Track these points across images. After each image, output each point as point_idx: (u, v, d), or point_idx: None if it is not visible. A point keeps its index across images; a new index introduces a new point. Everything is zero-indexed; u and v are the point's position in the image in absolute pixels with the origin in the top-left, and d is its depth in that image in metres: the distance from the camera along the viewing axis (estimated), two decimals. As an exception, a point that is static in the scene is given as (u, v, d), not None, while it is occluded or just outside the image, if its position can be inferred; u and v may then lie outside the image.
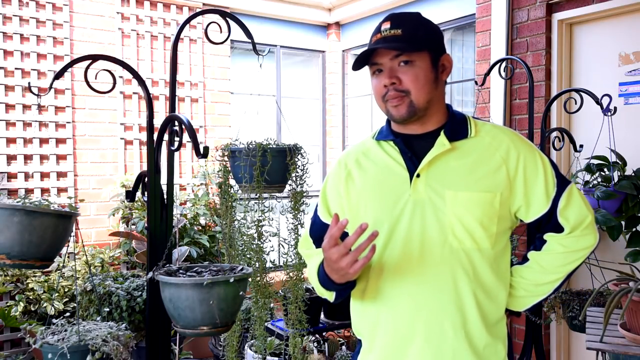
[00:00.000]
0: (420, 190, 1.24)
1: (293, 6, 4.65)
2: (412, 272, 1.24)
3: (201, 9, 3.78)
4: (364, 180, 1.33)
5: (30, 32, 3.56)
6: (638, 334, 1.80)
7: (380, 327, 1.30)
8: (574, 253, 1.28)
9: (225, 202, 2.46)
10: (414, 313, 1.24)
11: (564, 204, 1.26)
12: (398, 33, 1.21)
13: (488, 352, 1.26)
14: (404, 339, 1.26)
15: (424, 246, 1.23)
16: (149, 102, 2.12)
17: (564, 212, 1.26)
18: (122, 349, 2.07)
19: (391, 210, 1.26)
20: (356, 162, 1.36)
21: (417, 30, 1.23)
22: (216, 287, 1.75)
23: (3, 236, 1.84)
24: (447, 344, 1.23)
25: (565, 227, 1.27)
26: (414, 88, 1.22)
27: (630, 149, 2.72)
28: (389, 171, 1.29)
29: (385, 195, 1.28)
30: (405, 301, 1.25)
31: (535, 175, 1.25)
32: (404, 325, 1.26)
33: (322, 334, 3.38)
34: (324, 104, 5.07)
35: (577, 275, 3.06)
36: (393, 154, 1.30)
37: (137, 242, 3.59)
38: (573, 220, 1.27)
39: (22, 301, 3.12)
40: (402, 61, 1.22)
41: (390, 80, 1.22)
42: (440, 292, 1.23)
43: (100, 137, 3.83)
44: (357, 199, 1.33)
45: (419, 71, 1.22)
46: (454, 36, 4.00)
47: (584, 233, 1.28)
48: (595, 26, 3.03)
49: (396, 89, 1.22)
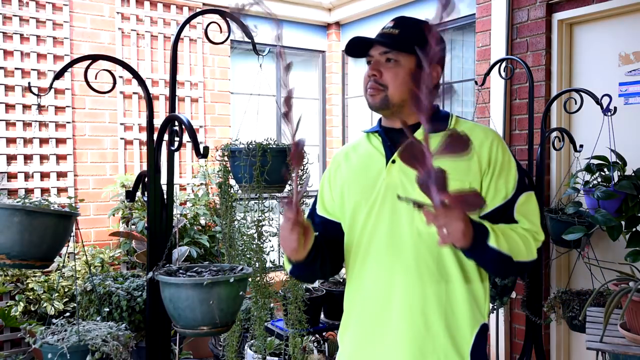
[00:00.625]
0: (394, 175, 1.31)
1: (293, 6, 4.65)
2: (383, 253, 1.31)
3: (201, 9, 3.76)
4: (349, 169, 1.43)
5: (30, 32, 3.56)
6: (638, 334, 1.80)
7: (355, 306, 1.37)
8: (527, 241, 1.24)
9: (225, 202, 2.46)
10: (386, 293, 1.30)
11: (522, 201, 1.29)
12: (395, 32, 1.31)
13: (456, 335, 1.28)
14: (377, 320, 1.32)
15: (393, 229, 1.30)
16: (149, 102, 2.12)
17: (521, 209, 1.29)
18: (122, 349, 2.07)
19: (369, 194, 1.34)
20: (345, 155, 1.47)
21: (415, 35, 1.28)
22: (216, 287, 1.75)
23: (3, 236, 1.84)
24: (418, 327, 1.27)
25: (519, 222, 1.28)
26: (391, 84, 1.31)
27: (630, 149, 2.72)
28: (370, 159, 1.39)
29: (365, 181, 1.37)
30: (378, 281, 1.32)
31: (502, 170, 1.29)
32: (377, 305, 1.32)
33: (322, 334, 3.38)
34: (324, 104, 5.07)
35: (577, 275, 3.06)
36: (376, 143, 1.40)
37: (137, 242, 3.59)
38: (528, 219, 1.28)
39: (22, 301, 3.12)
40: (388, 58, 1.31)
41: (372, 72, 1.32)
42: (407, 273, 1.28)
43: (100, 137, 3.83)
44: (342, 187, 1.42)
45: (400, 70, 1.30)
46: (454, 36, 4.00)
47: (536, 241, 1.27)
48: (595, 26, 3.03)
49: (376, 80, 1.32)
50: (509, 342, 3.32)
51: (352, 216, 1.37)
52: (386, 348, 1.30)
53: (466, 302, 1.28)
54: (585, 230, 2.52)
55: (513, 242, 1.22)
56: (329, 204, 1.46)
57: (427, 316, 1.27)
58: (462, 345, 1.28)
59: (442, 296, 1.27)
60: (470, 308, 1.29)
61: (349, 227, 1.39)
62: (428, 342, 1.27)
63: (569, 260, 3.16)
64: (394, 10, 4.32)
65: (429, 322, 1.27)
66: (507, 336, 3.31)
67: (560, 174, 3.12)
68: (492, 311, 2.95)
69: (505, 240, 1.20)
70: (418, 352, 1.27)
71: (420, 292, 1.27)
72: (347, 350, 1.41)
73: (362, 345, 1.36)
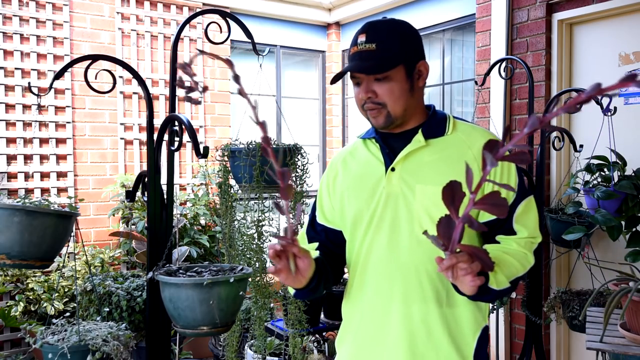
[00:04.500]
0: (394, 183, 1.29)
1: (293, 6, 4.65)
2: (384, 262, 1.29)
3: (201, 9, 3.78)
4: (348, 177, 1.40)
5: (30, 32, 3.56)
6: (638, 334, 1.80)
7: (355, 315, 1.36)
8: (523, 257, 1.25)
9: (225, 202, 2.46)
10: (386, 301, 1.29)
11: (521, 210, 1.27)
12: (372, 48, 1.25)
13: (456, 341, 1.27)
14: (377, 329, 1.31)
15: (393, 238, 1.28)
16: (149, 102, 2.12)
17: (520, 219, 1.26)
18: (122, 349, 2.07)
19: (369, 202, 1.32)
20: (343, 161, 1.44)
21: (392, 43, 1.25)
22: (216, 287, 1.75)
23: (3, 236, 1.84)
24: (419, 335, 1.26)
25: (518, 232, 1.27)
26: (389, 101, 1.27)
27: (630, 149, 2.72)
28: (369, 166, 1.36)
29: (365, 189, 1.34)
30: (378, 290, 1.30)
31: (502, 175, 1.27)
32: (377, 313, 1.30)
33: (322, 334, 3.38)
34: (324, 104, 5.07)
35: (577, 275, 3.06)
36: (374, 150, 1.37)
37: (137, 242, 3.59)
38: (527, 227, 1.27)
39: (22, 301, 3.12)
40: (377, 77, 1.26)
41: (367, 95, 1.27)
42: (408, 282, 1.27)
43: (100, 137, 3.83)
44: (342, 195, 1.39)
45: (393, 85, 1.26)
46: (454, 36, 4.00)
47: (532, 246, 1.27)
48: (595, 26, 3.03)
49: (373, 101, 1.27)
50: (509, 342, 3.32)
51: (353, 225, 1.35)
52: (387, 357, 1.29)
53: (468, 309, 1.27)
54: (585, 230, 2.52)
55: (511, 268, 1.21)
56: (329, 212, 1.44)
57: (428, 324, 1.26)
58: (465, 351, 1.27)
59: (443, 303, 1.26)
60: (472, 314, 1.28)
61: (350, 235, 1.38)
62: (430, 350, 1.26)
63: (569, 260, 3.16)
64: (394, 10, 4.32)
65: (431, 329, 1.26)
66: (507, 336, 3.31)
67: (560, 174, 3.12)
68: (492, 311, 2.94)
69: (502, 272, 1.18)
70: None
71: (421, 300, 1.26)
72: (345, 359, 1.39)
73: (361, 354, 1.34)
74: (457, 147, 1.29)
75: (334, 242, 1.42)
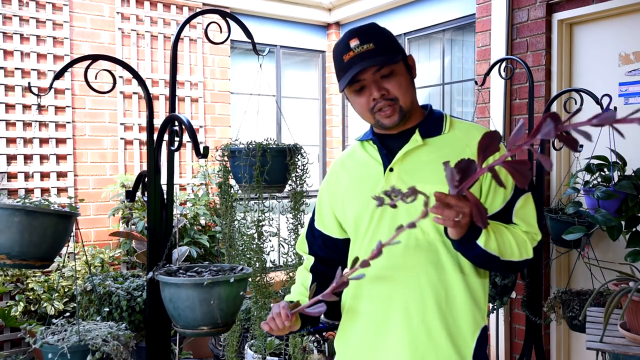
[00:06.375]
0: (392, 184, 1.29)
1: (293, 6, 4.65)
2: (383, 263, 1.28)
3: (201, 9, 3.78)
4: (347, 180, 1.41)
5: (30, 32, 3.56)
6: (638, 334, 1.80)
7: (354, 316, 1.37)
8: (523, 242, 1.25)
9: (225, 202, 2.47)
10: (386, 302, 1.30)
11: (520, 204, 1.28)
12: (371, 47, 1.26)
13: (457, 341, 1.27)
14: (377, 329, 1.31)
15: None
16: (149, 102, 2.12)
17: (519, 213, 1.28)
18: (122, 349, 2.07)
19: (368, 204, 1.32)
20: (342, 165, 1.45)
21: (386, 40, 1.28)
22: (216, 287, 1.75)
23: (3, 236, 1.84)
24: (419, 336, 1.27)
25: (518, 225, 1.28)
26: (400, 94, 1.28)
27: (630, 149, 2.72)
28: (367, 168, 1.37)
29: (364, 191, 1.35)
30: (378, 290, 1.31)
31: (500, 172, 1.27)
32: (377, 314, 1.31)
33: (322, 334, 3.38)
34: (324, 104, 5.07)
35: (577, 275, 3.06)
36: (372, 151, 1.38)
37: (137, 242, 3.59)
38: (527, 222, 1.28)
39: (22, 301, 3.12)
40: (383, 74, 1.27)
41: (380, 92, 1.28)
42: (407, 282, 1.27)
43: (100, 137, 3.83)
44: (342, 198, 1.40)
45: (400, 78, 1.29)
46: (454, 36, 3.99)
47: (533, 241, 1.28)
48: (595, 26, 3.03)
49: (386, 98, 1.28)
50: (509, 342, 3.32)
51: (355, 226, 1.36)
52: (387, 357, 1.29)
53: (467, 308, 1.27)
54: (585, 230, 2.52)
55: (505, 243, 1.21)
56: (327, 219, 1.45)
57: (428, 324, 1.26)
58: (465, 351, 1.27)
59: (442, 303, 1.26)
60: (472, 314, 1.28)
61: (353, 237, 1.39)
62: (430, 350, 1.26)
63: (569, 260, 3.16)
64: (394, 10, 4.32)
65: (430, 330, 1.26)
66: (507, 336, 3.31)
67: (560, 174, 3.12)
68: (492, 311, 2.94)
69: (495, 240, 1.18)
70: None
71: (420, 301, 1.26)
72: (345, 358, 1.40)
73: (361, 354, 1.34)
74: (455, 146, 1.29)
75: (330, 247, 1.46)
